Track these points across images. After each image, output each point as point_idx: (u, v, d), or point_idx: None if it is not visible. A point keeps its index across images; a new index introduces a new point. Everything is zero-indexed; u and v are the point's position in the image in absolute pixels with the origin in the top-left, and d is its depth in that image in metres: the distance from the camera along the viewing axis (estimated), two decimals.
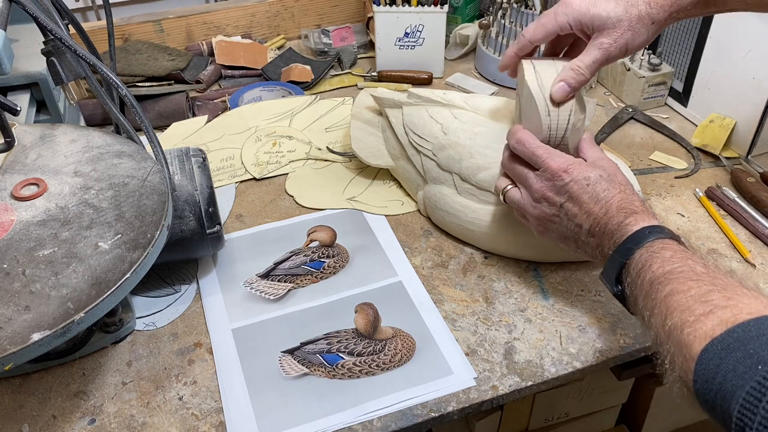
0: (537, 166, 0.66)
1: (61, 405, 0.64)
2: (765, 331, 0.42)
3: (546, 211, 0.65)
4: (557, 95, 0.66)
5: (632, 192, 0.62)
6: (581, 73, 0.66)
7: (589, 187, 0.62)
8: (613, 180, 0.63)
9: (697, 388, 0.44)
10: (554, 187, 0.64)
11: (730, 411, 0.41)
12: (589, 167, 0.64)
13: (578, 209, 0.63)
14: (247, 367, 0.67)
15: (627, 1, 0.65)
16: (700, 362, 0.44)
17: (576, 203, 0.63)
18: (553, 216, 0.65)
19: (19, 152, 0.68)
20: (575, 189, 0.63)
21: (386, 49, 1.13)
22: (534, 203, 0.66)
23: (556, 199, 0.64)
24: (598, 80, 1.14)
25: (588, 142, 0.69)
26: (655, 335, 0.51)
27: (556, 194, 0.64)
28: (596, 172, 0.63)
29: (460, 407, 0.63)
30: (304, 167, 0.95)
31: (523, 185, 0.68)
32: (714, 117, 0.97)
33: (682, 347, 0.46)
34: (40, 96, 0.87)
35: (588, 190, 0.62)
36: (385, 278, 0.77)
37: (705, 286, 0.49)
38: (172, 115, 1.03)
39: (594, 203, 0.61)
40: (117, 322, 0.69)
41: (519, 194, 0.69)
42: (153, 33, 1.19)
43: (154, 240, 0.58)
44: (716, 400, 0.42)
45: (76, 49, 0.62)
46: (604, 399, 0.92)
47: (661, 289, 0.51)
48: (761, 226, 0.81)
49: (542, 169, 0.65)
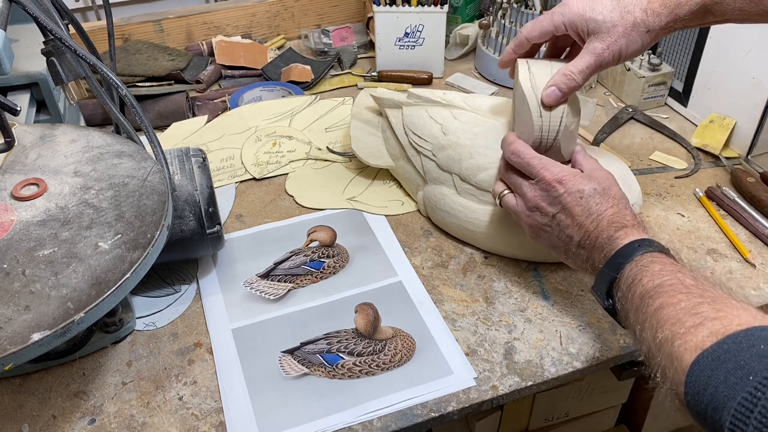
0: (531, 176, 0.66)
1: (61, 405, 0.64)
2: (755, 342, 0.42)
3: (538, 220, 0.66)
4: (548, 100, 0.67)
5: (625, 206, 0.62)
6: (573, 78, 0.66)
7: (582, 200, 0.62)
8: (606, 194, 0.62)
9: (689, 400, 0.44)
10: (548, 198, 0.64)
11: (721, 422, 0.41)
12: (584, 179, 0.63)
13: (570, 221, 0.63)
14: (247, 367, 0.67)
15: (623, 8, 0.65)
16: (690, 374, 0.44)
17: (568, 215, 0.63)
18: (545, 225, 0.66)
19: (19, 152, 0.68)
20: (568, 201, 0.63)
21: (386, 49, 1.13)
22: (527, 212, 0.67)
23: (549, 209, 0.64)
24: (598, 80, 1.14)
25: (582, 154, 0.69)
26: (647, 349, 0.51)
27: (549, 204, 0.64)
28: (591, 185, 0.63)
29: (460, 407, 0.63)
30: (304, 167, 0.95)
31: (518, 193, 0.68)
32: (714, 117, 0.97)
33: (673, 359, 0.46)
34: (40, 96, 0.87)
35: (581, 203, 0.62)
36: (385, 278, 0.77)
37: (695, 298, 0.49)
38: (172, 115, 1.03)
39: (586, 216, 0.62)
40: (117, 322, 0.69)
41: (514, 201, 0.69)
42: (153, 33, 1.19)
43: (154, 240, 0.58)
44: (707, 411, 0.42)
45: (76, 49, 0.62)
46: (604, 399, 0.92)
47: (652, 302, 0.51)
48: (761, 226, 0.81)
49: (537, 179, 0.65)
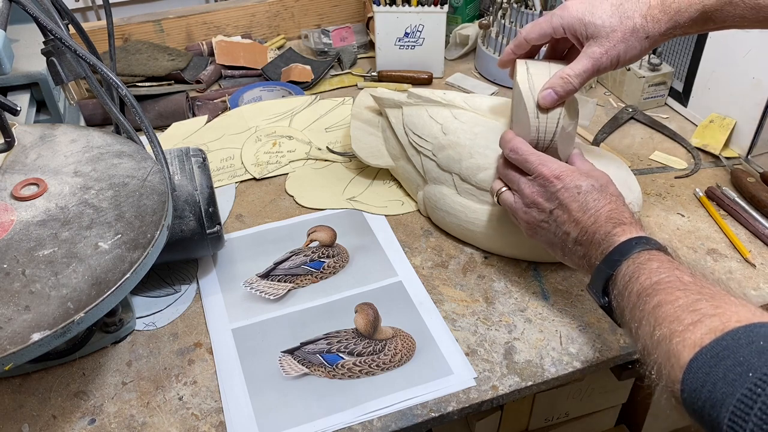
0: (529, 173, 0.66)
1: (61, 405, 0.64)
2: (754, 338, 0.42)
3: (536, 216, 0.66)
4: (543, 102, 0.67)
5: (623, 204, 0.62)
6: (569, 81, 0.66)
7: (579, 196, 0.62)
8: (604, 191, 0.63)
9: (685, 397, 0.44)
10: (545, 193, 0.64)
11: (719, 419, 0.40)
12: (581, 176, 0.64)
13: (567, 216, 0.63)
14: (247, 367, 0.67)
15: (622, 13, 0.65)
16: (689, 371, 0.44)
17: (565, 211, 0.63)
18: (542, 222, 0.65)
19: (19, 152, 0.68)
20: (565, 196, 0.63)
21: (386, 49, 1.13)
22: (525, 208, 0.67)
23: (546, 205, 0.64)
24: (598, 80, 1.14)
25: (579, 157, 0.69)
26: (643, 346, 0.50)
27: (546, 200, 0.64)
28: (588, 181, 0.63)
29: (460, 407, 0.63)
30: (304, 167, 0.95)
31: (515, 190, 0.68)
32: (714, 117, 0.97)
33: (671, 356, 0.46)
34: (40, 96, 0.87)
35: (578, 199, 0.62)
36: (385, 278, 0.77)
37: (693, 295, 0.49)
38: (172, 115, 1.03)
39: (583, 212, 0.61)
40: (117, 322, 0.69)
41: (512, 198, 0.69)
42: (153, 33, 1.19)
43: (154, 240, 0.58)
44: (705, 408, 0.42)
45: (76, 49, 0.62)
46: (604, 399, 0.92)
47: (649, 300, 0.51)
48: (761, 226, 0.81)
49: (534, 175, 0.65)
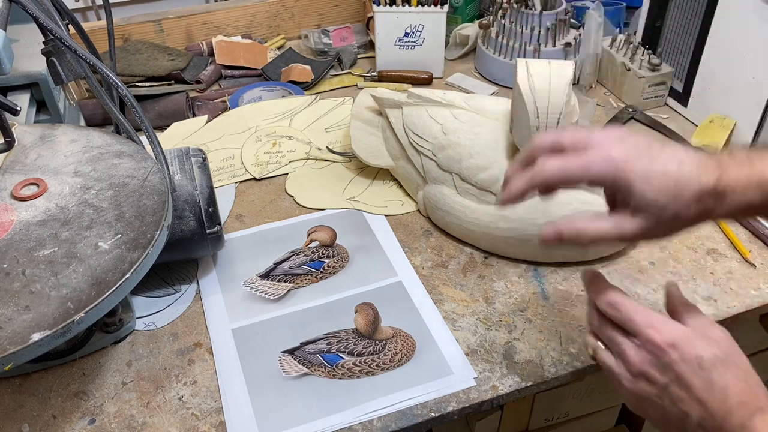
0: (634, 334, 0.54)
1: (61, 405, 0.64)
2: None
3: (645, 389, 0.53)
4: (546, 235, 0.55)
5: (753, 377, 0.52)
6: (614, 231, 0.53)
7: (702, 371, 0.51)
8: (729, 362, 0.51)
9: None
10: (657, 364, 0.52)
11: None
12: (701, 342, 0.52)
13: (686, 395, 0.51)
14: (247, 367, 0.67)
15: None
16: None
17: (684, 388, 0.51)
18: (654, 396, 0.53)
19: (19, 152, 0.68)
20: (684, 370, 0.51)
21: (386, 49, 1.13)
22: (630, 377, 0.54)
23: (659, 378, 0.52)
24: (598, 80, 1.14)
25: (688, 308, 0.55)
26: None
27: (659, 373, 0.52)
28: (710, 350, 0.51)
29: (460, 407, 0.63)
30: (304, 167, 0.95)
31: (616, 352, 0.56)
32: (714, 117, 0.97)
33: None
34: (40, 96, 0.87)
35: (700, 374, 0.51)
36: (385, 278, 0.77)
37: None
38: (172, 115, 1.03)
39: (707, 391, 0.50)
40: (117, 322, 0.69)
41: (613, 361, 0.55)
42: (153, 33, 1.19)
43: (154, 240, 0.58)
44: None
45: (76, 49, 0.62)
46: (604, 399, 0.92)
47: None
48: (761, 226, 0.81)
49: (643, 339, 0.53)
